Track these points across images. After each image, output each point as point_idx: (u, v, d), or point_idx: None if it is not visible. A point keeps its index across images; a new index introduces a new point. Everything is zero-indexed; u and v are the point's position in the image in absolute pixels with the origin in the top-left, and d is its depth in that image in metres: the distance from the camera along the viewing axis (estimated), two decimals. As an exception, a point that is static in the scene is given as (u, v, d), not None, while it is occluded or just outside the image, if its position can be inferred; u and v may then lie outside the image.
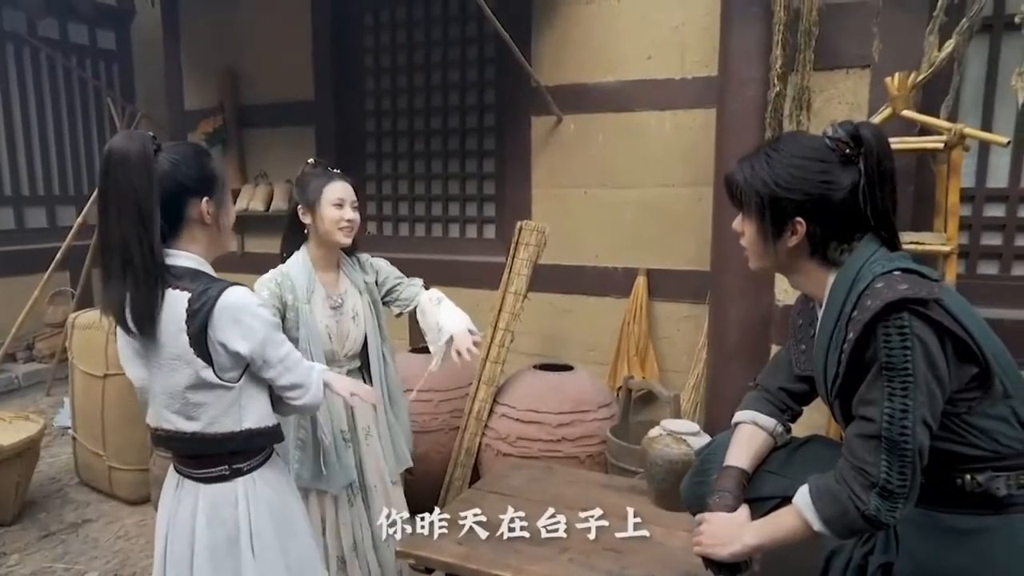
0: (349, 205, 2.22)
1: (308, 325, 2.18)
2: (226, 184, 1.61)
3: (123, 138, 1.46)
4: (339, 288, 2.30)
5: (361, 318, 2.33)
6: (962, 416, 1.27)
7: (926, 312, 1.20)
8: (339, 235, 2.20)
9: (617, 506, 2.31)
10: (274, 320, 1.56)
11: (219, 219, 1.57)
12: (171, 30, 4.95)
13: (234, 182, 4.71)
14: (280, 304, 2.15)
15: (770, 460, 1.58)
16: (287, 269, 2.23)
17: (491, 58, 4.11)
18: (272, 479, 1.63)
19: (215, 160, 1.61)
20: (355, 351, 2.34)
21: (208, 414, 1.51)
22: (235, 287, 1.50)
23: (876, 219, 1.34)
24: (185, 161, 1.52)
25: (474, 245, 4.26)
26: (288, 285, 2.18)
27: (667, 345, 3.70)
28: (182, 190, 1.50)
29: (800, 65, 2.44)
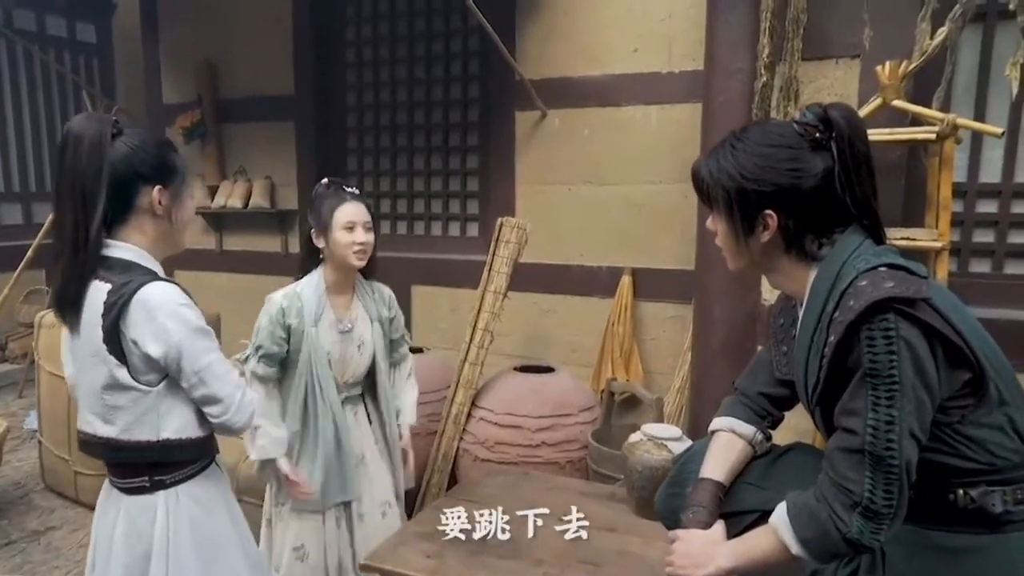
0: (361, 227, 2.11)
1: (314, 350, 2.12)
2: (186, 179, 1.52)
3: (82, 119, 1.40)
4: (350, 314, 2.22)
5: (368, 347, 2.25)
6: (954, 425, 1.16)
7: (914, 313, 1.09)
8: (352, 259, 2.11)
9: (596, 514, 2.22)
10: (198, 325, 1.41)
11: (171, 212, 1.48)
12: (149, 22, 4.83)
13: (212, 178, 4.60)
14: (283, 329, 2.11)
15: (749, 471, 1.48)
16: (299, 290, 2.16)
17: (475, 51, 4.00)
18: (201, 495, 1.49)
19: (178, 153, 1.53)
20: (356, 379, 2.27)
21: (123, 419, 1.40)
22: (159, 283, 1.39)
23: (856, 207, 1.23)
24: (143, 147, 1.44)
25: (457, 243, 4.15)
26: (296, 308, 2.12)
27: (653, 346, 3.60)
28: (135, 176, 1.42)
29: (788, 54, 2.34)
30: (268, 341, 2.10)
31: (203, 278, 4.72)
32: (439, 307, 4.05)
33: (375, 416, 2.32)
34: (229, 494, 1.61)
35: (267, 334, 2.10)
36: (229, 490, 1.62)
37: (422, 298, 4.14)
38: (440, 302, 4.05)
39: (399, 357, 2.42)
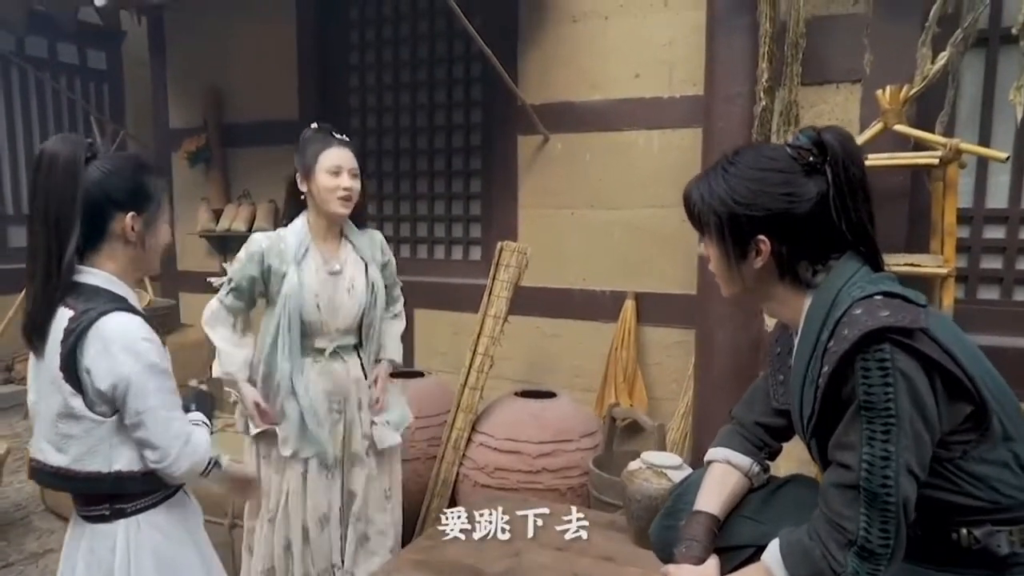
0: (347, 173, 2.09)
1: (292, 292, 2.07)
2: (162, 204, 1.50)
3: (57, 140, 1.38)
4: (339, 256, 2.18)
5: (358, 291, 2.20)
6: (956, 461, 1.12)
7: (911, 343, 1.06)
8: (335, 204, 2.08)
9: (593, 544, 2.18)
10: (152, 362, 1.37)
11: (145, 238, 1.46)
12: (157, 48, 4.89)
13: (217, 201, 4.62)
14: (259, 268, 2.09)
15: (745, 504, 1.43)
16: (283, 233, 2.14)
17: (478, 77, 4.02)
18: (164, 524, 1.46)
19: (154, 177, 1.50)
20: (349, 326, 2.22)
21: (75, 448, 1.37)
22: (121, 313, 1.36)
23: (852, 233, 1.21)
24: (117, 172, 1.42)
25: (460, 267, 4.14)
26: (278, 249, 2.09)
27: (657, 371, 3.56)
28: (107, 201, 1.40)
29: (787, 79, 2.33)
30: (239, 275, 2.11)
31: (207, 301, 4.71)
32: (441, 331, 4.03)
33: (369, 369, 2.29)
34: (197, 523, 1.57)
35: (239, 268, 2.11)
36: (198, 519, 1.58)
37: (424, 321, 4.13)
38: (442, 326, 4.03)
39: (391, 299, 2.39)
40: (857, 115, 2.48)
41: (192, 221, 4.73)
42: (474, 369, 3.11)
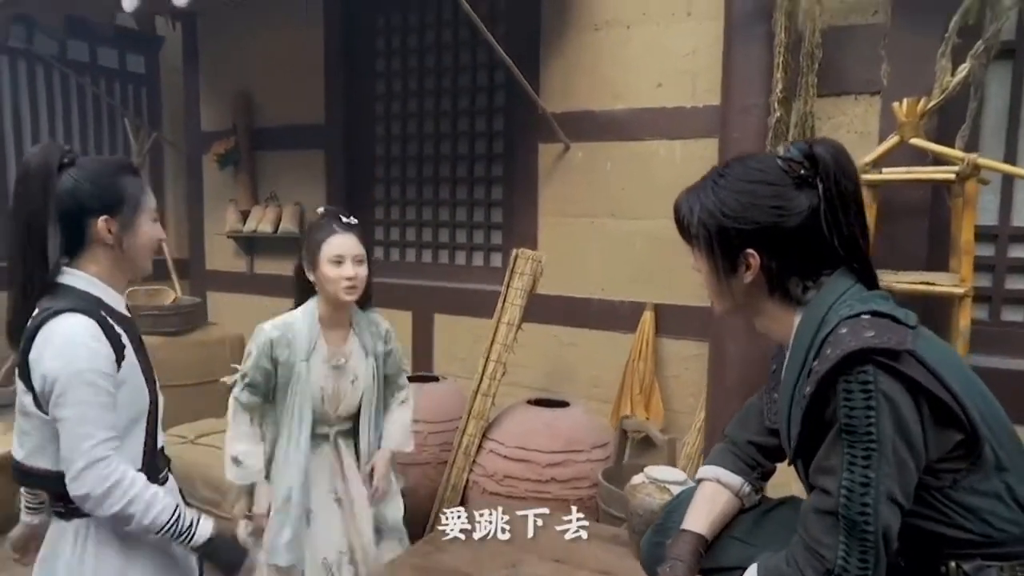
0: (351, 261, 2.05)
1: (302, 385, 2.09)
2: (140, 204, 1.51)
3: (35, 150, 1.44)
4: (345, 347, 2.19)
5: (360, 383, 2.21)
6: (945, 491, 1.08)
7: (895, 366, 1.03)
8: (341, 294, 2.06)
9: (593, 557, 2.16)
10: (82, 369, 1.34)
11: (122, 240, 1.48)
12: (190, 54, 5.00)
13: (244, 203, 4.70)
14: (270, 361, 2.08)
15: (736, 524, 1.41)
16: (292, 320, 2.13)
17: (501, 84, 4.03)
18: (118, 532, 1.44)
19: (131, 179, 1.52)
20: (349, 413, 2.24)
21: (28, 445, 1.42)
22: (72, 315, 1.37)
23: (844, 248, 1.18)
24: (89, 178, 1.45)
25: (480, 273, 4.14)
26: (287, 340, 2.09)
27: (675, 384, 3.52)
28: (80, 209, 1.44)
29: (803, 90, 2.29)
30: (253, 371, 2.09)
31: (234, 300, 4.81)
32: (461, 336, 4.04)
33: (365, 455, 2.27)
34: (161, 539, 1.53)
35: (253, 364, 2.08)
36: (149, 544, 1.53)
37: (444, 327, 4.15)
38: (462, 331, 4.04)
39: (396, 387, 2.36)
40: (876, 127, 2.42)
41: (220, 222, 4.82)
42: (487, 376, 3.11)
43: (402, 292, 4.21)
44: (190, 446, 3.11)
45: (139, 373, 1.49)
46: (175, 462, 2.91)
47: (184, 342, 3.82)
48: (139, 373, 1.49)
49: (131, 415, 1.47)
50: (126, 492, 1.37)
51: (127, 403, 1.46)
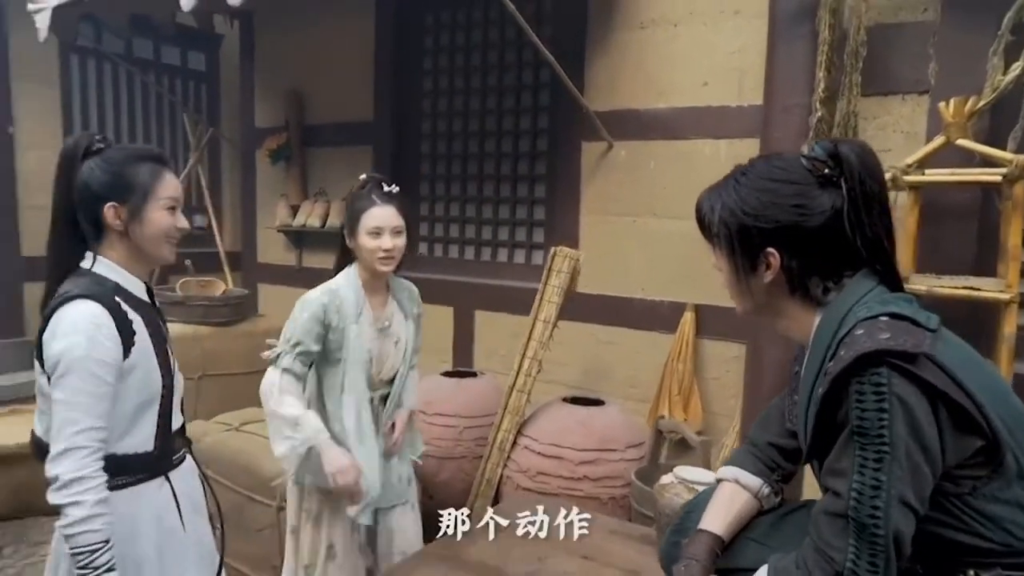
0: (389, 232, 2.09)
1: (354, 348, 2.11)
2: (151, 193, 1.52)
3: (70, 139, 1.52)
4: (386, 311, 2.24)
5: (403, 344, 2.27)
6: (964, 498, 1.06)
7: (911, 369, 1.01)
8: (377, 264, 2.11)
9: (621, 555, 2.16)
10: (79, 356, 1.37)
11: (130, 228, 1.51)
12: (246, 51, 5.15)
13: (295, 198, 4.83)
14: (322, 327, 2.09)
15: (755, 526, 1.40)
16: (336, 287, 2.15)
17: (546, 83, 4.04)
18: (124, 511, 1.46)
19: (148, 167, 1.53)
20: (390, 377, 2.28)
21: (45, 423, 1.47)
22: (83, 302, 1.41)
23: (867, 249, 1.16)
24: (102, 166, 1.50)
25: (521, 271, 4.16)
26: (336, 305, 2.11)
27: (715, 386, 3.48)
28: (93, 196, 1.49)
29: (846, 89, 2.24)
30: (308, 338, 2.06)
31: (283, 292, 4.94)
32: (501, 333, 4.07)
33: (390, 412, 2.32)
34: (165, 516, 1.56)
35: (306, 331, 2.06)
36: (168, 511, 1.57)
37: (485, 323, 4.18)
38: (502, 328, 4.07)
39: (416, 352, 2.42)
40: (923, 128, 2.35)
41: (272, 216, 4.96)
42: (522, 372, 3.13)
43: (444, 288, 4.26)
44: (234, 433, 3.20)
45: (152, 358, 1.52)
46: (221, 448, 3.05)
47: (232, 332, 3.94)
48: (152, 358, 1.52)
49: (142, 399, 1.51)
50: (87, 491, 1.37)
51: (137, 388, 1.49)
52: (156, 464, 1.56)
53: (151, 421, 1.53)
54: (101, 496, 1.38)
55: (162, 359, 1.55)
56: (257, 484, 2.88)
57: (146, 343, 1.51)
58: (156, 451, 1.54)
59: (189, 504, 1.64)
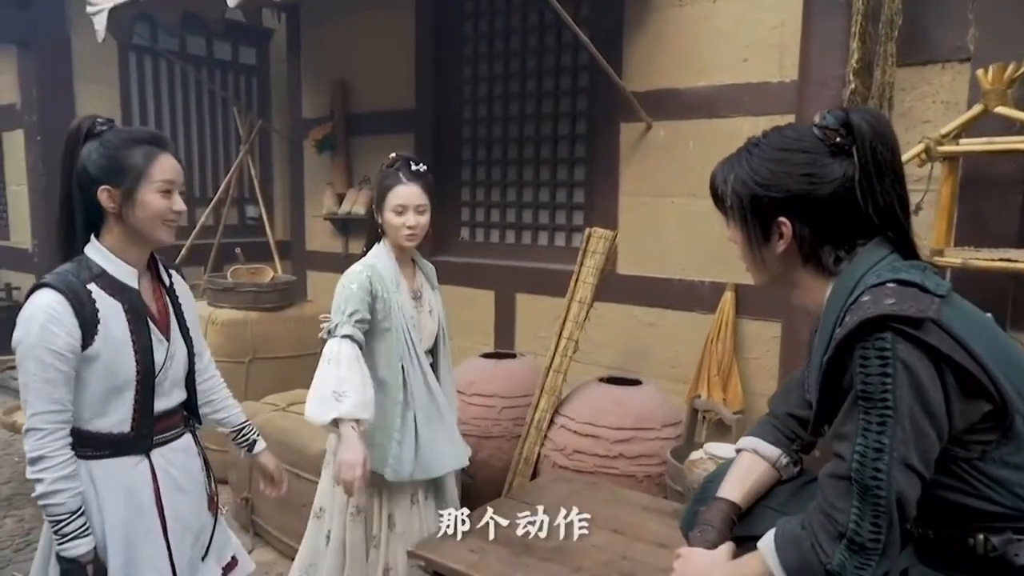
0: (412, 211, 2.16)
1: (397, 316, 2.17)
2: (144, 176, 1.52)
3: (72, 122, 1.55)
4: (416, 282, 2.34)
5: (436, 313, 2.36)
6: (974, 462, 1.06)
7: (915, 333, 1.01)
8: (402, 240, 2.19)
9: (651, 531, 2.18)
10: (30, 344, 1.43)
11: (124, 211, 1.52)
12: (293, 44, 5.28)
13: (340, 186, 4.95)
14: (371, 296, 2.13)
15: (773, 494, 1.41)
16: (372, 261, 2.23)
17: (584, 65, 4.04)
18: (100, 477, 1.54)
19: (143, 150, 1.53)
20: (430, 345, 2.36)
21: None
22: (46, 291, 1.46)
23: (880, 217, 1.16)
24: (98, 149, 1.51)
25: (561, 253, 4.19)
26: (377, 275, 2.17)
27: (755, 367, 3.45)
28: (89, 179, 1.51)
29: (881, 59, 2.19)
30: (362, 306, 2.08)
31: (330, 279, 5.03)
32: (541, 315, 4.11)
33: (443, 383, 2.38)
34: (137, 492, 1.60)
35: (359, 300, 2.09)
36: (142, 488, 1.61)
37: (526, 306, 4.22)
38: (542, 310, 4.11)
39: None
40: (964, 97, 2.27)
41: (319, 204, 5.09)
42: (559, 352, 3.16)
43: (485, 272, 4.32)
44: (281, 413, 3.33)
45: (125, 345, 1.53)
46: (269, 428, 3.17)
47: (281, 317, 4.07)
48: (125, 345, 1.53)
49: (109, 385, 1.53)
50: (44, 470, 1.45)
51: (101, 375, 1.52)
52: (132, 444, 1.59)
53: (126, 405, 1.56)
54: (62, 473, 1.46)
55: (140, 344, 1.56)
56: (303, 461, 2.99)
57: (117, 331, 1.53)
58: (132, 432, 1.58)
59: (172, 483, 1.66)
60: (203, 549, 1.76)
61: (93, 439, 1.54)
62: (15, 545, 3.24)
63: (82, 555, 1.48)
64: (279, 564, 3.13)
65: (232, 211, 5.91)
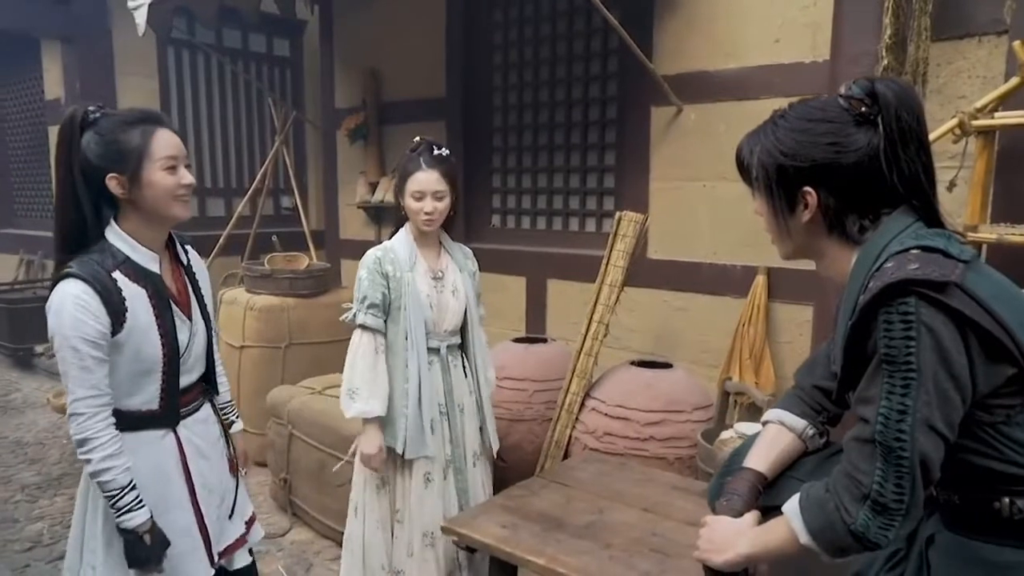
0: (430, 197, 2.21)
1: (411, 294, 2.24)
2: (145, 155, 1.53)
3: (65, 112, 1.56)
4: (440, 263, 2.37)
5: (462, 294, 2.39)
6: (998, 426, 1.06)
7: (939, 297, 1.01)
8: (420, 224, 2.25)
9: (681, 509, 2.20)
10: (64, 335, 1.48)
11: (134, 194, 1.54)
12: (326, 35, 5.35)
13: (373, 175, 5.01)
14: (382, 277, 2.24)
15: (800, 465, 1.41)
16: (390, 244, 2.32)
17: (614, 49, 4.03)
18: (134, 446, 1.60)
19: (138, 130, 1.54)
20: (454, 327, 2.40)
21: None
22: (70, 281, 1.49)
23: (904, 185, 1.15)
24: (95, 138, 1.53)
25: (592, 239, 4.19)
26: (390, 257, 2.26)
27: (787, 350, 3.43)
28: (93, 169, 1.53)
29: (915, 34, 2.15)
30: (372, 290, 2.21)
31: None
32: (572, 301, 4.12)
33: (470, 370, 2.44)
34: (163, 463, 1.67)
35: (368, 284, 2.22)
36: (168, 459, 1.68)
37: (557, 292, 4.24)
38: (573, 296, 4.12)
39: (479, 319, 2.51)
40: (1001, 70, 2.22)
41: (352, 193, 5.16)
42: (589, 336, 3.18)
43: (517, 258, 4.34)
44: (318, 396, 3.40)
45: (151, 330, 1.59)
46: (305, 410, 3.25)
47: (316, 303, 4.16)
48: (151, 330, 1.59)
49: (140, 368, 1.60)
50: (91, 451, 1.53)
51: (131, 359, 1.58)
52: (160, 420, 1.67)
53: (154, 385, 1.63)
54: (108, 452, 1.53)
55: (165, 328, 1.61)
56: (339, 442, 3.05)
57: (144, 318, 1.58)
58: (160, 410, 1.66)
59: (196, 452, 1.74)
60: (229, 510, 1.85)
61: (123, 417, 1.60)
62: (65, 522, 3.37)
63: (139, 525, 1.56)
64: (316, 543, 3.21)
65: (268, 201, 6.02)
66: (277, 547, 3.17)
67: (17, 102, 7.23)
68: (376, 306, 2.22)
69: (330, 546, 3.15)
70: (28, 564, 3.05)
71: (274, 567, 2.96)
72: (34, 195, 7.26)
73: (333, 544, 3.15)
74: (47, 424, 4.69)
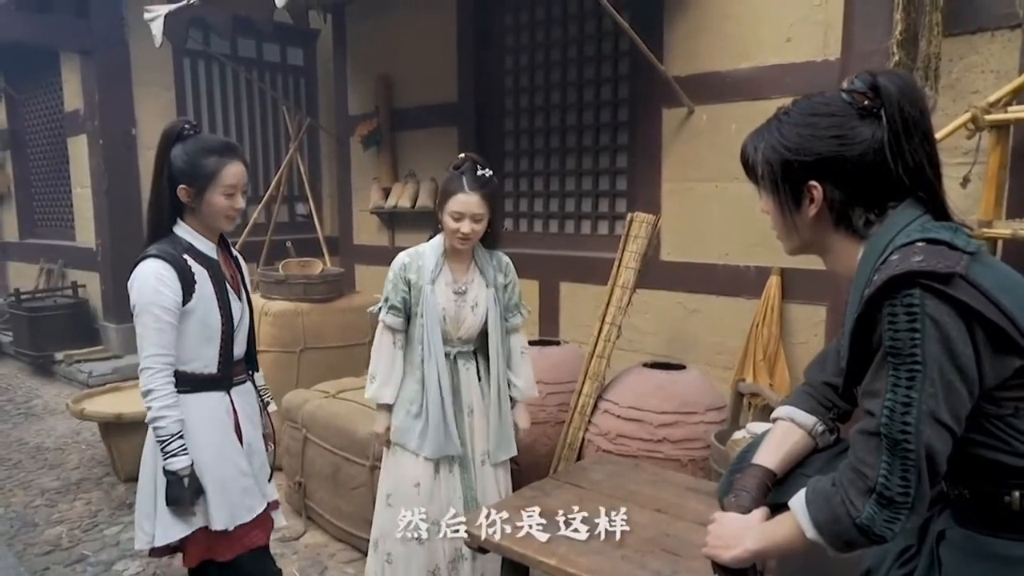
0: (469, 219, 2.25)
1: (427, 304, 2.32)
2: (214, 180, 1.88)
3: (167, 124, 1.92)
4: (466, 277, 2.41)
5: (481, 309, 2.41)
6: (1007, 419, 1.05)
7: (944, 290, 1.00)
8: (455, 243, 2.31)
9: (694, 510, 2.18)
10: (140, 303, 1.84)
11: (196, 205, 1.91)
12: (339, 43, 5.40)
13: (386, 180, 5.04)
14: (405, 283, 2.35)
15: (809, 462, 1.40)
16: (422, 250, 2.40)
17: (625, 51, 4.03)
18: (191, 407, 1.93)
19: (215, 159, 1.89)
20: (470, 337, 2.44)
21: None
22: (152, 260, 1.85)
23: (909, 177, 1.15)
24: (181, 155, 1.89)
25: (604, 242, 4.19)
26: (417, 266, 2.35)
27: (802, 351, 3.40)
28: (173, 177, 1.90)
29: (926, 30, 2.14)
30: (392, 293, 2.36)
31: (377, 272, 5.17)
32: (585, 303, 4.12)
33: (484, 375, 2.47)
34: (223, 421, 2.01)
35: (391, 287, 2.37)
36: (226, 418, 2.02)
37: (569, 294, 4.25)
38: (586, 298, 4.12)
39: (512, 327, 2.53)
40: (1015, 65, 2.19)
41: (365, 199, 5.20)
42: (602, 338, 3.17)
43: (529, 261, 4.33)
44: (332, 400, 3.42)
45: (212, 303, 1.94)
46: (319, 414, 3.27)
47: (331, 308, 4.18)
48: (212, 303, 1.94)
49: (204, 335, 1.94)
50: (153, 399, 1.87)
51: (198, 326, 1.92)
52: (219, 383, 2.01)
53: (214, 351, 1.98)
54: (167, 403, 1.87)
55: (223, 303, 1.97)
56: (352, 445, 3.07)
57: (208, 291, 1.94)
58: (219, 373, 2.01)
59: (246, 418, 2.10)
60: (267, 474, 2.19)
61: (189, 379, 1.94)
62: (84, 526, 3.41)
63: (180, 469, 1.88)
64: (330, 546, 3.22)
65: (282, 208, 6.07)
66: (292, 550, 3.19)
67: (37, 114, 7.35)
68: (396, 308, 2.37)
69: (344, 549, 3.16)
70: (48, 567, 3.09)
71: (289, 570, 2.97)
72: (54, 205, 7.35)
73: (347, 547, 3.16)
74: (67, 430, 4.75)
